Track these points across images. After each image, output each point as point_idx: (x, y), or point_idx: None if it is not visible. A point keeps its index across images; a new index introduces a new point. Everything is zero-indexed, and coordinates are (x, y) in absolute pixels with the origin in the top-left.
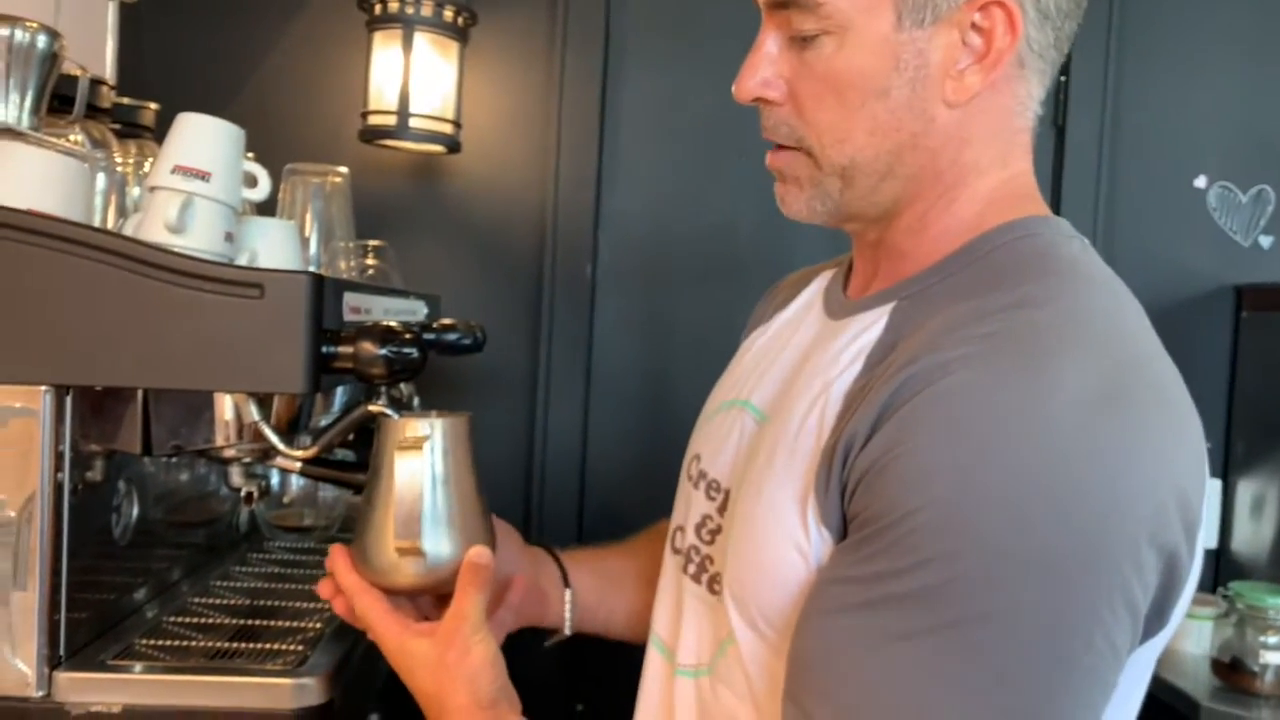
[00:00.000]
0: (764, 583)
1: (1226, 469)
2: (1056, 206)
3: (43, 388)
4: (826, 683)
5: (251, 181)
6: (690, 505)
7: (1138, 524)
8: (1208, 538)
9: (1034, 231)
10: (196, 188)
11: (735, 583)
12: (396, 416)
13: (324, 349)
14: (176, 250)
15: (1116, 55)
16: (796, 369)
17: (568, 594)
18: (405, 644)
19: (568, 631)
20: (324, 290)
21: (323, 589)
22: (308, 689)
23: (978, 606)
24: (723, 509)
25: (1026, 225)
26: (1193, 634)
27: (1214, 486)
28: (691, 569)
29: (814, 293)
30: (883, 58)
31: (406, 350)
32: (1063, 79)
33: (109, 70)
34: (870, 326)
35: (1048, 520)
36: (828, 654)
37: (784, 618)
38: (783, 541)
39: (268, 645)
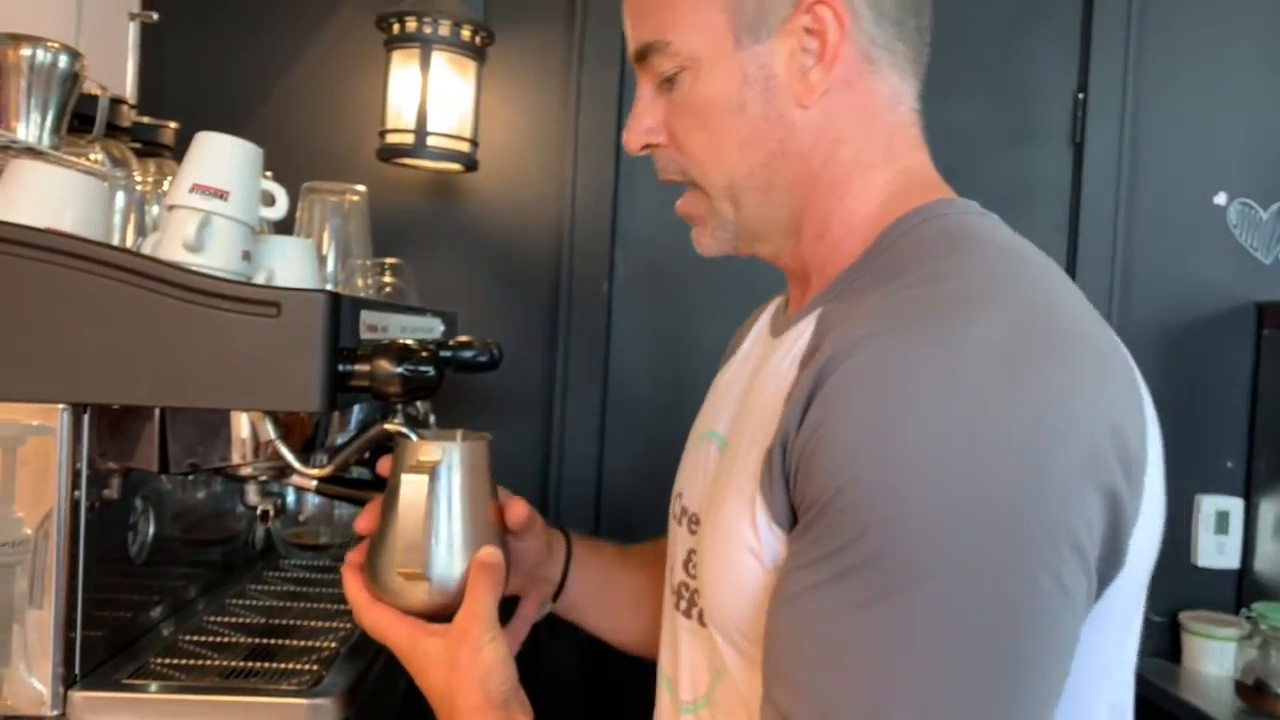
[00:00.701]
0: (732, 598)
1: (1249, 488)
2: (1075, 223)
3: (60, 406)
4: (795, 671)
5: (269, 200)
6: (677, 542)
7: (1069, 463)
8: (1230, 557)
9: (939, 213)
10: (215, 206)
11: (713, 608)
12: (414, 437)
13: (340, 367)
14: (194, 269)
15: (1135, 70)
16: (748, 391)
17: (563, 586)
18: (418, 644)
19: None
20: (341, 308)
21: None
22: (323, 709)
23: (920, 565)
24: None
25: (931, 209)
26: (1215, 656)
27: (1236, 506)
28: (683, 605)
29: (764, 319)
30: (732, 78)
31: (423, 368)
32: (1080, 95)
33: (129, 89)
34: (802, 334)
35: (973, 470)
36: (791, 642)
37: (756, 629)
38: (739, 551)
39: (283, 665)
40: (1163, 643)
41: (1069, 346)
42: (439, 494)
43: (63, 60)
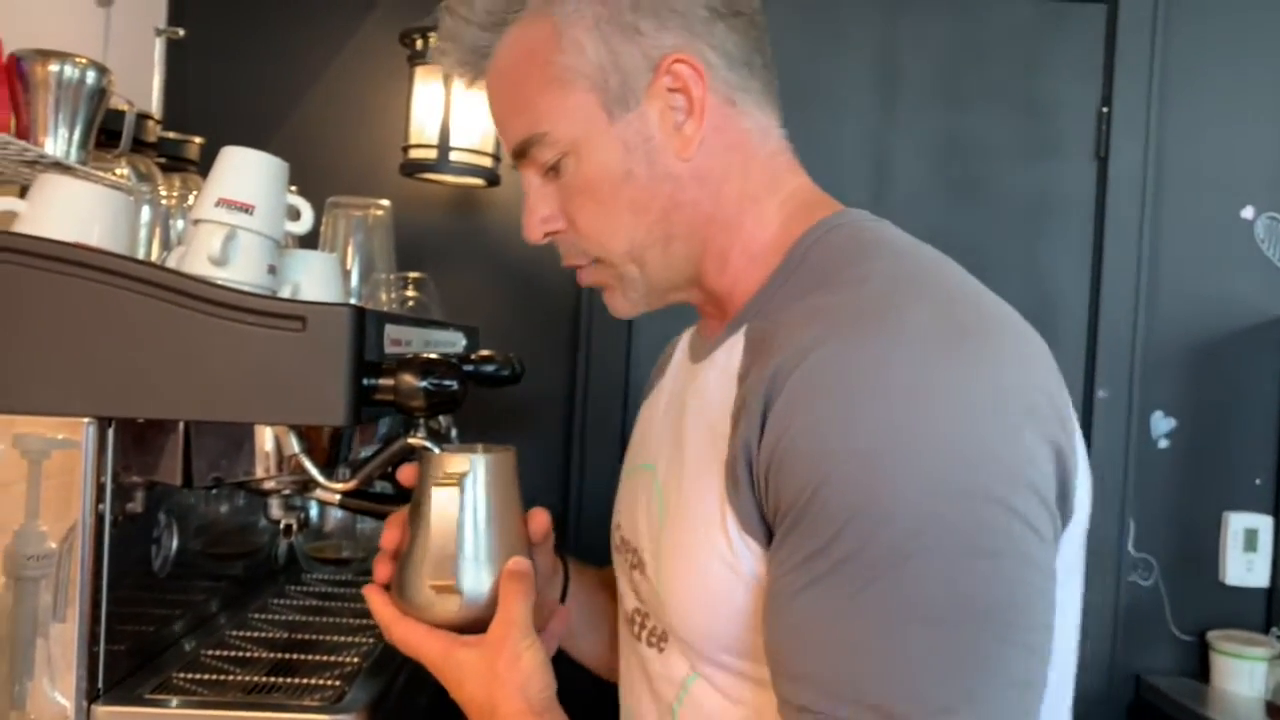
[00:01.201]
0: (704, 609)
1: (1278, 505)
2: (1099, 238)
3: (85, 419)
4: (807, 666)
5: (294, 214)
6: (622, 573)
7: (1013, 421)
8: (1259, 575)
9: (839, 224)
10: (240, 220)
11: (682, 623)
12: (437, 450)
13: (365, 381)
14: (220, 283)
15: (1160, 83)
16: (677, 418)
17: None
18: (452, 655)
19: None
20: (365, 322)
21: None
22: None
23: (903, 542)
24: (638, 565)
25: (830, 221)
26: (1245, 675)
27: (1265, 524)
28: (636, 629)
29: (681, 349)
30: (613, 150)
31: (447, 382)
32: (1104, 110)
33: (155, 105)
34: (731, 352)
35: (931, 446)
36: (797, 641)
37: (742, 641)
38: (709, 562)
39: (305, 680)
40: (1190, 662)
41: (991, 326)
42: (468, 506)
43: (90, 76)
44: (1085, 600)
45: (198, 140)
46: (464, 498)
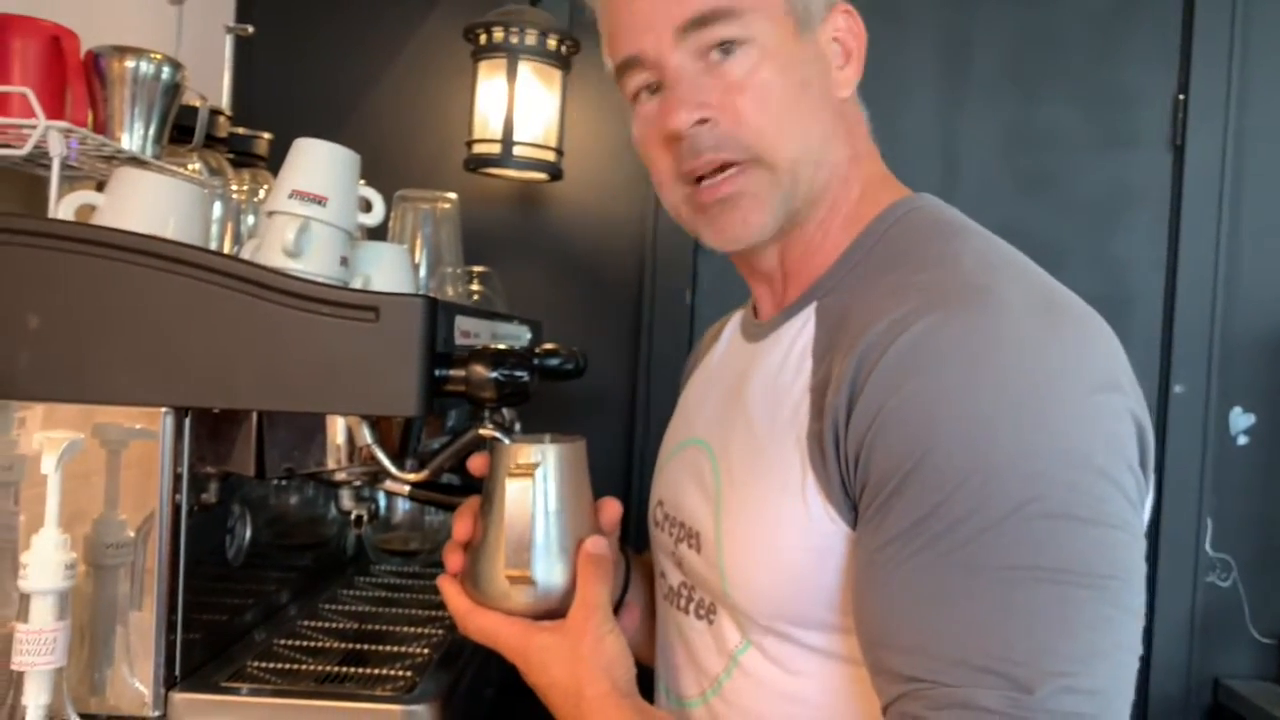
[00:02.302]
0: (777, 583)
1: None
2: (1175, 230)
3: (163, 409)
4: (913, 637)
5: (366, 206)
6: (663, 549)
7: (1107, 392)
8: None
9: (915, 207)
10: (313, 212)
11: (744, 594)
12: (508, 441)
13: (437, 372)
14: (293, 274)
15: (1239, 70)
16: (736, 395)
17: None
18: (533, 640)
19: None
20: (437, 313)
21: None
22: (419, 716)
23: (1024, 505)
24: (685, 540)
25: (907, 203)
26: None
27: None
28: (681, 603)
29: (731, 330)
30: (795, 59)
31: (518, 373)
32: (1180, 97)
33: (225, 100)
34: (803, 330)
35: (1045, 412)
36: (902, 613)
37: (805, 610)
38: (787, 535)
39: (376, 670)
40: (1270, 665)
41: (1076, 307)
42: (540, 496)
43: (165, 71)
44: (1161, 601)
45: (267, 136)
46: (536, 488)
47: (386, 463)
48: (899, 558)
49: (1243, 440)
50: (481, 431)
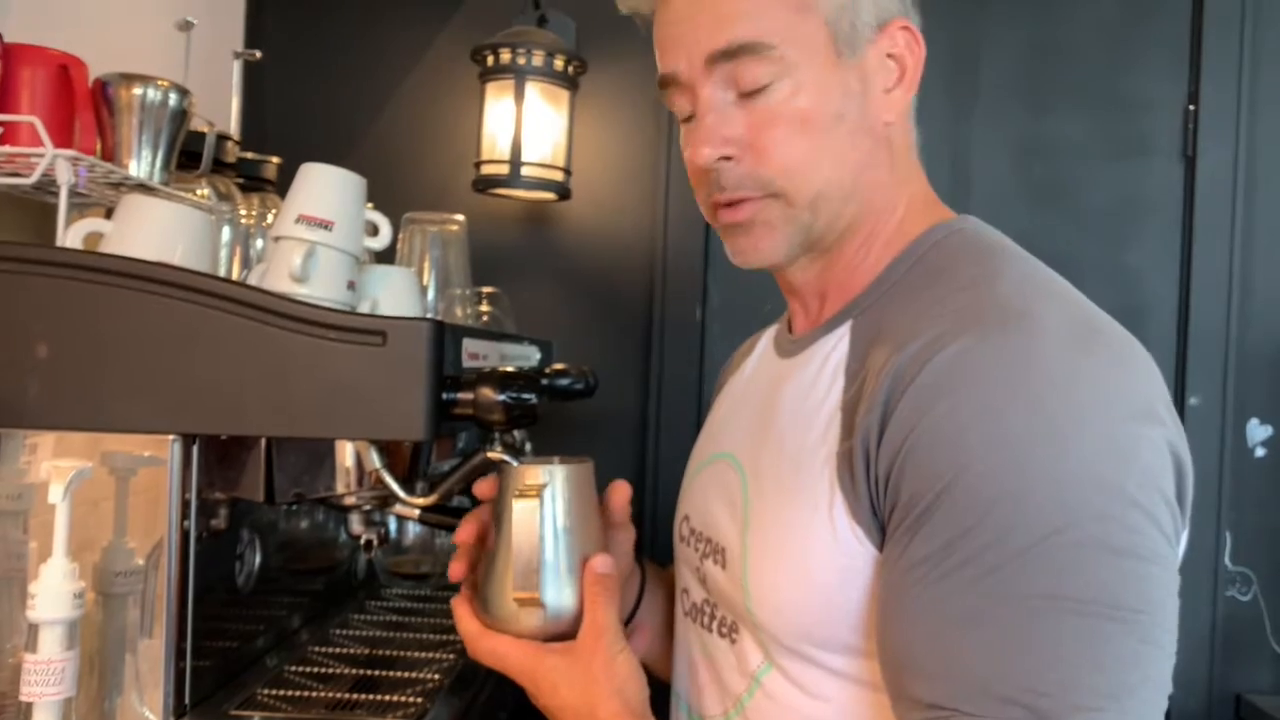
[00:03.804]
0: (801, 604)
1: None
2: (1188, 240)
3: (171, 436)
4: (937, 663)
5: (373, 230)
6: (688, 565)
7: (1146, 423)
8: None
9: (956, 229)
10: (320, 237)
11: (769, 614)
12: (516, 463)
13: (445, 395)
14: (300, 299)
15: (1249, 79)
16: (767, 410)
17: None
18: (544, 661)
19: None
20: (444, 337)
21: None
22: None
23: (1054, 533)
24: (711, 556)
25: (947, 226)
26: None
27: None
28: (704, 620)
29: (765, 345)
30: (832, 89)
31: (525, 396)
32: (1191, 107)
33: (233, 126)
34: (836, 347)
35: (1079, 439)
36: (926, 638)
37: (829, 632)
38: (813, 555)
39: (387, 696)
40: None
41: (1115, 333)
42: (548, 517)
43: (173, 98)
44: (1180, 617)
45: (275, 160)
46: (544, 509)
47: (395, 487)
48: (925, 581)
49: (1260, 452)
50: (489, 454)
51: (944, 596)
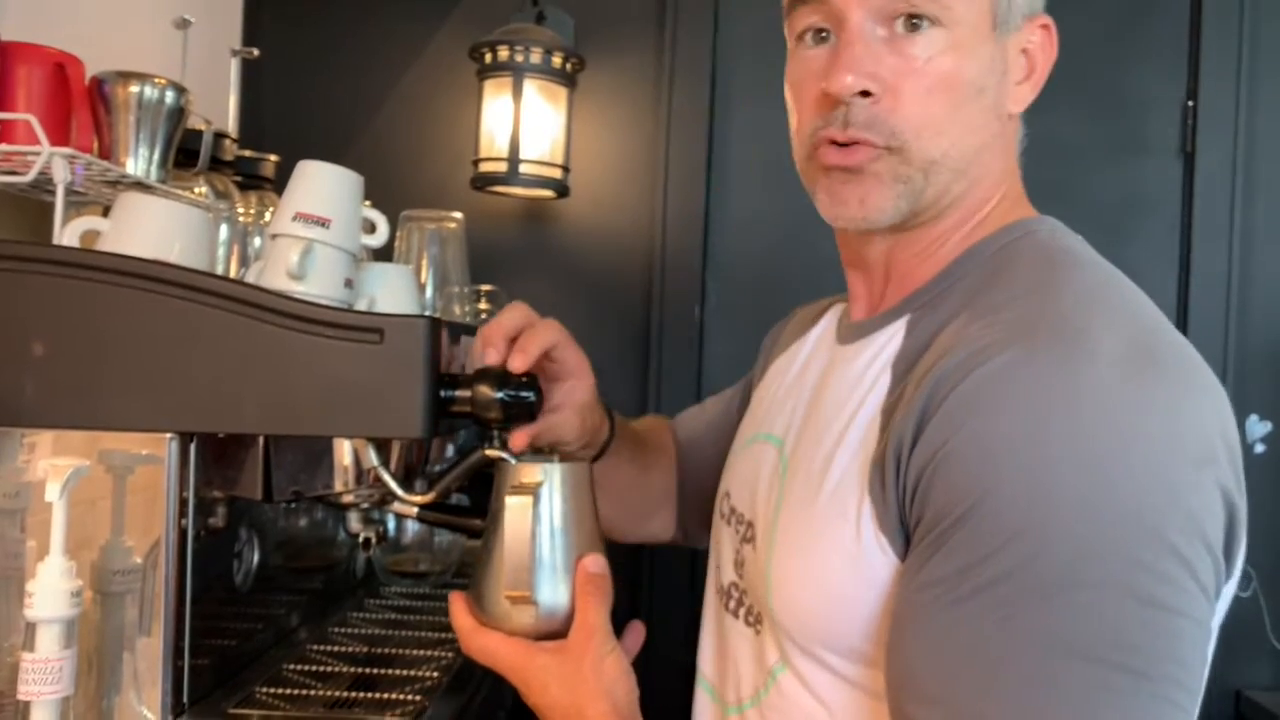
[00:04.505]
0: (819, 606)
1: None
2: (1187, 236)
3: (168, 435)
4: (932, 686)
5: (370, 228)
6: (723, 542)
7: (1196, 465)
8: None
9: (1031, 230)
10: (317, 234)
11: (785, 610)
12: (513, 461)
13: (442, 393)
14: (298, 297)
15: (1248, 75)
16: (816, 397)
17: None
18: (533, 660)
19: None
20: (442, 334)
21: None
22: None
23: (1070, 570)
24: (749, 539)
25: (1024, 225)
26: None
27: None
28: (731, 604)
29: (825, 325)
30: (984, 59)
31: (523, 394)
32: (1189, 103)
33: (231, 124)
34: (889, 342)
35: (1117, 475)
36: (930, 663)
37: (844, 639)
38: (833, 558)
39: (386, 695)
40: None
41: (1181, 361)
42: (542, 516)
43: (169, 96)
44: None
45: (273, 158)
46: (538, 508)
47: (393, 485)
48: (937, 603)
49: (1260, 449)
50: (487, 451)
51: (953, 623)
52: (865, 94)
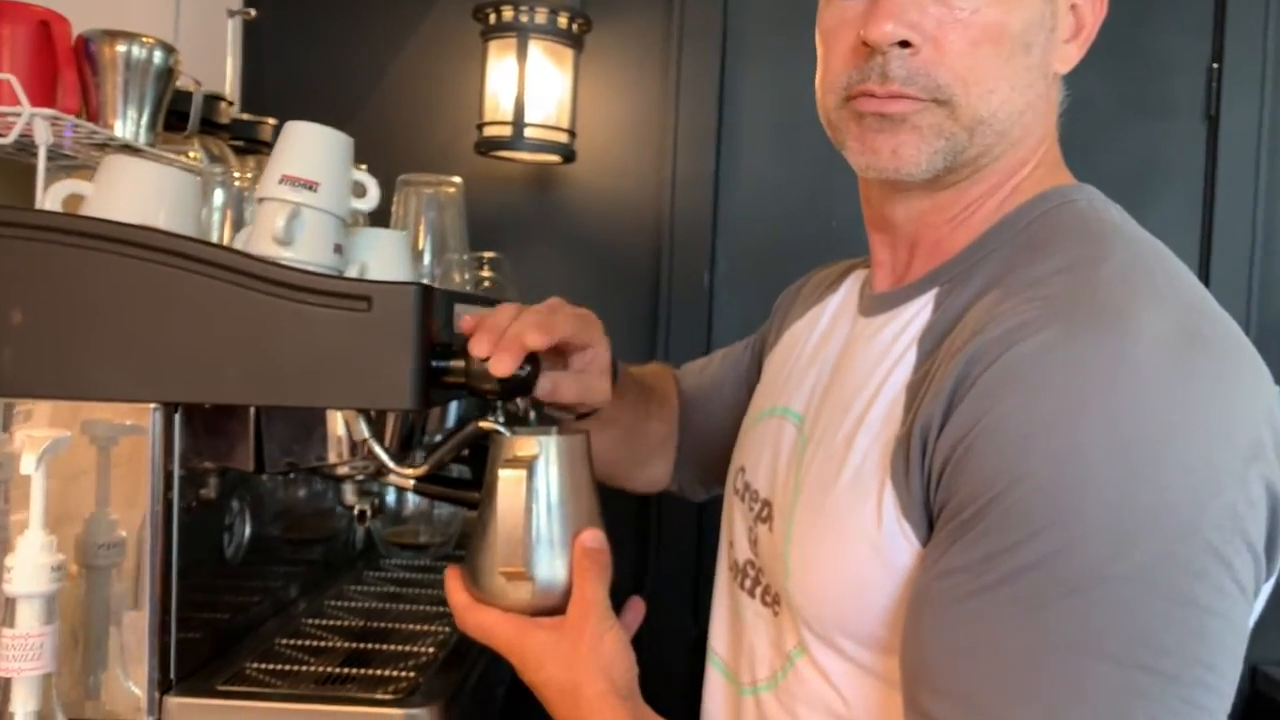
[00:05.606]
0: (838, 593)
1: None
2: (1210, 202)
3: (151, 405)
4: (951, 680)
5: (360, 191)
6: (736, 518)
7: (1241, 458)
8: None
9: (1069, 199)
10: (304, 198)
11: (803, 596)
12: (508, 433)
13: (434, 363)
14: (284, 263)
15: (1276, 40)
16: (837, 372)
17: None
18: (530, 637)
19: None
20: (433, 301)
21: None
22: (419, 719)
23: (1101, 564)
24: (765, 519)
25: (1061, 194)
26: None
27: None
28: (747, 583)
29: (845, 293)
30: (1032, 12)
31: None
32: (1214, 66)
33: (229, 87)
34: (916, 315)
35: (1155, 466)
36: (949, 654)
37: (863, 627)
38: (854, 543)
39: (379, 671)
40: None
41: (1226, 344)
42: (538, 489)
43: (157, 56)
44: None
45: (271, 121)
46: (534, 482)
47: (385, 457)
48: (957, 593)
49: None
50: (481, 424)
51: (973, 614)
52: (904, 45)
